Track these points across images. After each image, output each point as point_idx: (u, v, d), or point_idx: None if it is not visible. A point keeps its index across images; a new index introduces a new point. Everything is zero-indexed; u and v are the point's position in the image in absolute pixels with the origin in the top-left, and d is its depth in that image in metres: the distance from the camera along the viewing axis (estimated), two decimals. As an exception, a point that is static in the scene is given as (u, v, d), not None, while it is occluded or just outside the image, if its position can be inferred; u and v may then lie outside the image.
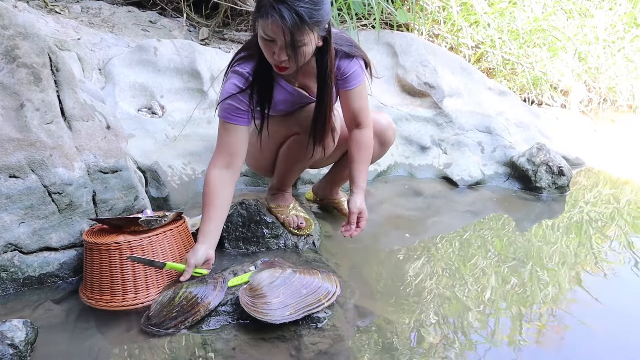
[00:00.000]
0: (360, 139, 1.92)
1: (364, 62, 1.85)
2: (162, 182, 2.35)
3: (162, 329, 1.45)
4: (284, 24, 1.43)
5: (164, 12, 4.23)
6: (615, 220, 2.63)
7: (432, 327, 1.57)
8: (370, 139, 1.95)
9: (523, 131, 3.53)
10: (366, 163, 1.96)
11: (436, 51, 3.71)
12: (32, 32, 1.72)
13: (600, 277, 1.96)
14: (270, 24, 1.45)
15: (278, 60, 1.55)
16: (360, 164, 1.93)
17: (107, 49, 3.16)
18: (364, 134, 1.93)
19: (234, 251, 1.98)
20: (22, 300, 1.63)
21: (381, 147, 2.24)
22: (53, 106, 1.72)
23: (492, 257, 2.11)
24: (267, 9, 1.43)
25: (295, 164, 2.06)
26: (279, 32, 1.46)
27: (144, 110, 2.88)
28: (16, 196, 1.61)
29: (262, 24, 1.48)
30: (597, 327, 1.61)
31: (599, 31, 4.83)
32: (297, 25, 1.44)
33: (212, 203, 1.68)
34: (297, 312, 1.44)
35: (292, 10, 1.42)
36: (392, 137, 2.23)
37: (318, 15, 1.48)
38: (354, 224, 1.88)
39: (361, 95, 1.88)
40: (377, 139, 2.16)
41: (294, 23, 1.43)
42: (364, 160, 1.94)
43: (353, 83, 1.83)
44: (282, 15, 1.42)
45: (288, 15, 1.42)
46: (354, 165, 1.93)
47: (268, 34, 1.49)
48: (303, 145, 1.90)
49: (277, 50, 1.52)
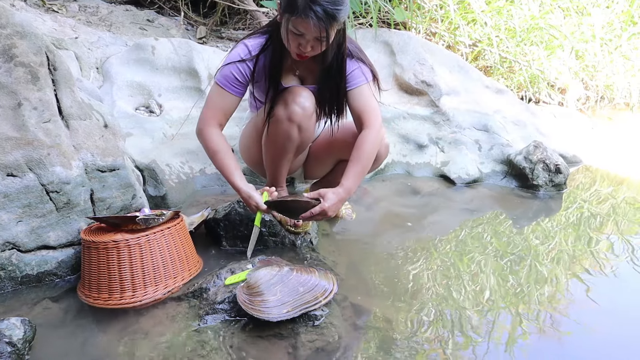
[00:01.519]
0: (361, 140, 1.85)
1: (371, 74, 1.93)
2: (160, 180, 2.36)
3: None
4: (319, 23, 1.59)
5: (161, 11, 4.23)
6: (612, 217, 2.64)
7: (429, 325, 1.58)
8: (373, 140, 1.86)
9: (520, 129, 3.54)
10: (361, 163, 1.84)
11: (433, 49, 3.72)
12: (29, 31, 1.72)
13: (597, 274, 1.97)
14: (304, 22, 1.61)
15: (303, 50, 1.71)
16: (354, 164, 1.83)
17: (104, 48, 3.17)
18: (366, 134, 1.86)
19: (232, 249, 1.99)
20: (20, 298, 1.63)
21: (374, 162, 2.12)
22: (50, 105, 1.72)
23: (489, 255, 2.11)
24: (303, 9, 1.58)
25: (277, 152, 2.03)
26: (311, 30, 1.62)
27: (141, 109, 2.88)
28: (14, 195, 1.62)
29: (294, 21, 1.63)
30: (593, 324, 1.62)
31: (596, 29, 4.84)
32: (329, 24, 1.61)
33: (229, 155, 1.85)
34: (294, 309, 1.45)
35: (325, 11, 1.58)
36: (384, 155, 2.13)
37: (344, 13, 1.64)
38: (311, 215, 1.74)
39: (362, 94, 1.90)
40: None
41: (327, 22, 1.60)
42: (360, 160, 1.84)
43: (353, 83, 1.88)
44: (318, 17, 1.58)
45: (323, 16, 1.58)
46: (348, 164, 1.84)
47: (299, 30, 1.64)
48: (277, 128, 1.94)
49: (304, 42, 1.68)
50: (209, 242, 2.05)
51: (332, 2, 1.58)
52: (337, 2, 1.59)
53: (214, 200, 2.51)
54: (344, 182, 1.79)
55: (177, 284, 1.67)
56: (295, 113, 1.89)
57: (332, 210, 1.75)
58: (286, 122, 1.91)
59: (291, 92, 1.90)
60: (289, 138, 1.96)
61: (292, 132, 1.93)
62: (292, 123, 1.91)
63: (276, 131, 1.95)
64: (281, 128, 1.93)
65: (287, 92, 1.91)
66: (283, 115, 1.90)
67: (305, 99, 1.89)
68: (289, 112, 1.89)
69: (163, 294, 1.63)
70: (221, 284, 1.61)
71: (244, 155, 2.28)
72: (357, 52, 1.90)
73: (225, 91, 1.86)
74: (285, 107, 1.89)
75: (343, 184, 1.79)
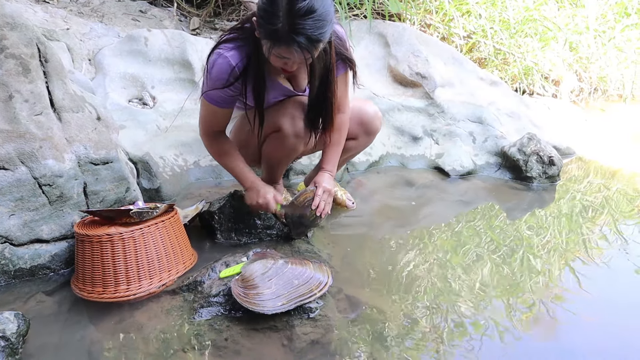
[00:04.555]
0: (338, 124, 1.99)
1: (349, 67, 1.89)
2: (154, 173, 2.35)
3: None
4: (302, 52, 1.49)
5: (154, 2, 4.18)
6: (606, 209, 2.66)
7: (424, 317, 1.59)
8: (346, 124, 2.07)
9: (514, 121, 3.55)
10: (341, 145, 2.08)
11: (428, 41, 3.71)
12: (20, 22, 1.70)
13: (590, 265, 1.98)
14: (287, 51, 1.50)
15: (289, 69, 1.63)
16: (337, 146, 2.05)
17: (96, 39, 3.13)
18: (342, 119, 2.02)
19: (226, 242, 1.98)
20: (14, 292, 1.62)
21: (368, 136, 2.28)
22: (42, 97, 1.70)
23: (483, 247, 2.12)
24: (284, 40, 1.46)
25: (279, 160, 2.09)
26: (295, 57, 1.52)
27: (134, 101, 2.86)
28: (6, 188, 1.60)
29: (276, 50, 1.51)
30: (586, 314, 1.63)
31: (590, 21, 4.84)
32: (313, 49, 1.50)
33: (233, 155, 1.92)
34: (289, 302, 1.45)
35: (309, 38, 1.46)
36: (379, 127, 2.27)
37: (328, 32, 1.51)
38: (319, 198, 1.94)
39: (342, 82, 1.94)
40: (363, 129, 2.23)
41: (311, 48, 1.49)
42: (340, 143, 2.06)
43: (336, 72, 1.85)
44: (300, 46, 1.46)
45: (305, 44, 1.46)
46: (330, 147, 2.04)
47: (283, 55, 1.53)
48: (283, 142, 1.94)
49: (289, 63, 1.58)
50: (204, 235, 2.04)
51: (315, 27, 1.44)
52: (319, 25, 1.45)
53: (208, 192, 2.50)
54: (330, 163, 2.04)
55: (171, 277, 1.67)
56: (301, 129, 1.90)
57: (330, 184, 1.99)
58: (293, 138, 1.92)
59: (296, 107, 1.89)
60: (294, 150, 1.99)
61: (298, 145, 1.96)
62: (298, 139, 1.93)
63: (282, 145, 1.95)
64: (288, 143, 1.94)
65: (291, 105, 1.89)
66: (290, 131, 1.90)
67: (304, 112, 1.91)
68: (297, 129, 1.90)
69: (157, 287, 1.62)
70: (216, 277, 1.61)
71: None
72: (340, 46, 1.83)
73: (218, 108, 1.81)
74: (292, 123, 1.88)
75: (329, 163, 2.04)
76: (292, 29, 1.43)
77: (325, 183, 1.97)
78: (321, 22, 1.45)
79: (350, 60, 1.88)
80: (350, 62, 1.88)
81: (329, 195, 1.97)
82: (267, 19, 1.46)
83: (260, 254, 1.73)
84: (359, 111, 2.19)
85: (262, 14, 1.47)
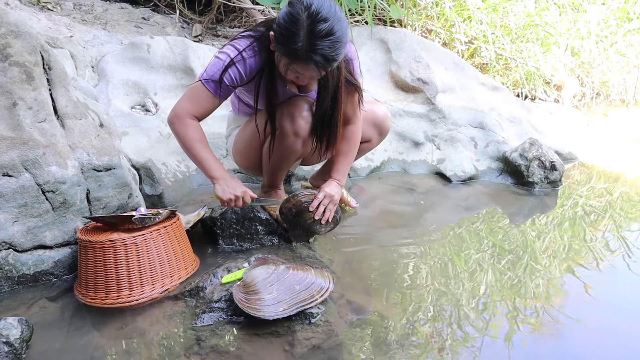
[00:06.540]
0: (350, 134, 2.06)
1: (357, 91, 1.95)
2: (156, 179, 2.36)
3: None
4: (317, 69, 1.58)
5: (157, 9, 4.22)
6: (608, 214, 2.65)
7: (426, 322, 1.59)
8: (358, 134, 2.10)
9: (516, 126, 3.55)
10: (352, 157, 2.12)
11: (429, 47, 3.72)
12: (24, 30, 1.72)
13: (592, 270, 1.98)
14: (304, 68, 1.59)
15: (300, 83, 1.74)
16: (347, 157, 2.09)
17: (100, 46, 3.16)
18: (353, 130, 2.07)
19: (228, 248, 1.99)
20: (17, 298, 1.63)
21: (380, 136, 2.36)
22: (46, 104, 1.72)
23: (485, 252, 2.12)
24: (303, 58, 1.55)
25: (278, 160, 2.07)
26: (311, 73, 1.62)
27: (137, 108, 2.87)
28: (10, 195, 1.62)
29: (294, 66, 1.61)
30: (588, 318, 1.63)
31: (592, 26, 4.85)
32: (328, 67, 1.60)
33: (207, 145, 1.86)
34: (290, 307, 1.46)
35: (326, 57, 1.55)
36: (390, 126, 2.35)
37: (343, 52, 1.59)
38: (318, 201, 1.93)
39: (352, 94, 1.96)
40: (376, 130, 2.31)
41: (326, 66, 1.59)
42: (350, 152, 2.09)
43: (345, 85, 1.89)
44: (316, 64, 1.56)
45: (322, 63, 1.56)
46: (340, 156, 2.08)
47: (298, 71, 1.63)
48: (282, 140, 1.95)
49: (302, 77, 1.67)
50: (206, 240, 2.05)
51: (332, 48, 1.53)
52: (337, 46, 1.54)
53: (210, 198, 2.51)
54: (339, 173, 2.07)
55: (173, 283, 1.67)
56: (302, 128, 1.92)
57: (333, 191, 1.98)
58: (292, 137, 1.93)
59: (296, 106, 1.91)
60: (294, 150, 1.99)
61: (297, 145, 1.97)
62: (297, 137, 1.94)
63: (282, 144, 1.97)
64: (287, 141, 1.95)
65: (292, 105, 1.91)
66: (289, 130, 1.91)
67: (307, 111, 1.92)
68: (296, 128, 1.91)
69: (160, 293, 1.63)
70: (218, 283, 1.62)
71: (238, 159, 2.24)
72: (349, 60, 1.89)
73: (211, 94, 1.80)
74: (292, 122, 1.90)
75: (338, 173, 2.06)
76: (312, 49, 1.52)
77: (328, 189, 1.97)
78: (338, 44, 1.54)
79: (356, 86, 1.92)
80: (355, 87, 1.92)
81: (331, 202, 1.96)
82: (288, 37, 1.54)
83: (261, 259, 1.74)
84: (370, 114, 2.24)
85: (284, 32, 1.55)
